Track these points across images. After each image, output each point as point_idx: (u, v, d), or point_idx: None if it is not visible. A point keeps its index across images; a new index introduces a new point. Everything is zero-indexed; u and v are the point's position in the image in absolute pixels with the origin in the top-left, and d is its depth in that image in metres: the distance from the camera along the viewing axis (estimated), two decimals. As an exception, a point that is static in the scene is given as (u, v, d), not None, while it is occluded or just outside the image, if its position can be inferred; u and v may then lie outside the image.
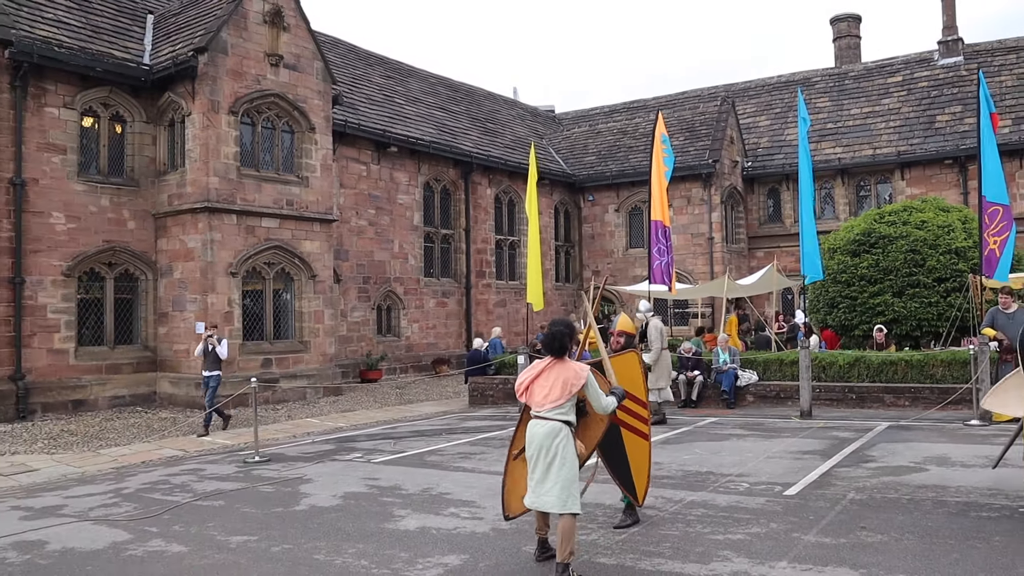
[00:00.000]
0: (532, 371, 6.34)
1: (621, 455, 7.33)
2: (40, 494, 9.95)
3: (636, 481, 7.40)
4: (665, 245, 17.78)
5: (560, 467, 6.01)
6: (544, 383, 6.19)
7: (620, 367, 7.25)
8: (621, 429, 7.28)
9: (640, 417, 7.38)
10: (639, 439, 7.39)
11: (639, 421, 7.37)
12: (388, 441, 13.35)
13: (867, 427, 12.97)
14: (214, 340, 15.03)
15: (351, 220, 23.71)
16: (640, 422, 7.37)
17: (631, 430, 7.34)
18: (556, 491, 6.00)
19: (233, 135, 18.52)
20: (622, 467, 7.34)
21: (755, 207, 31.00)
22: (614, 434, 7.19)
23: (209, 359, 15.02)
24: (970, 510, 7.65)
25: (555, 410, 6.09)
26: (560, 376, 6.14)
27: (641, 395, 7.39)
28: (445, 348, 26.72)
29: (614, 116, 36.49)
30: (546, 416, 6.11)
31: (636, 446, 7.38)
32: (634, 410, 7.32)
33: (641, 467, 7.41)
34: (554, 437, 6.05)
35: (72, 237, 17.64)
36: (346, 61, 27.86)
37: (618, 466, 7.34)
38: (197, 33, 18.71)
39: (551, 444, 6.04)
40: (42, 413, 16.78)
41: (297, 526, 7.92)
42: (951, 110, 28.23)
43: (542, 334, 22.47)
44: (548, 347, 6.30)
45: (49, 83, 17.43)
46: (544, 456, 6.06)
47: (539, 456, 6.08)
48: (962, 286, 17.83)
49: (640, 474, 7.41)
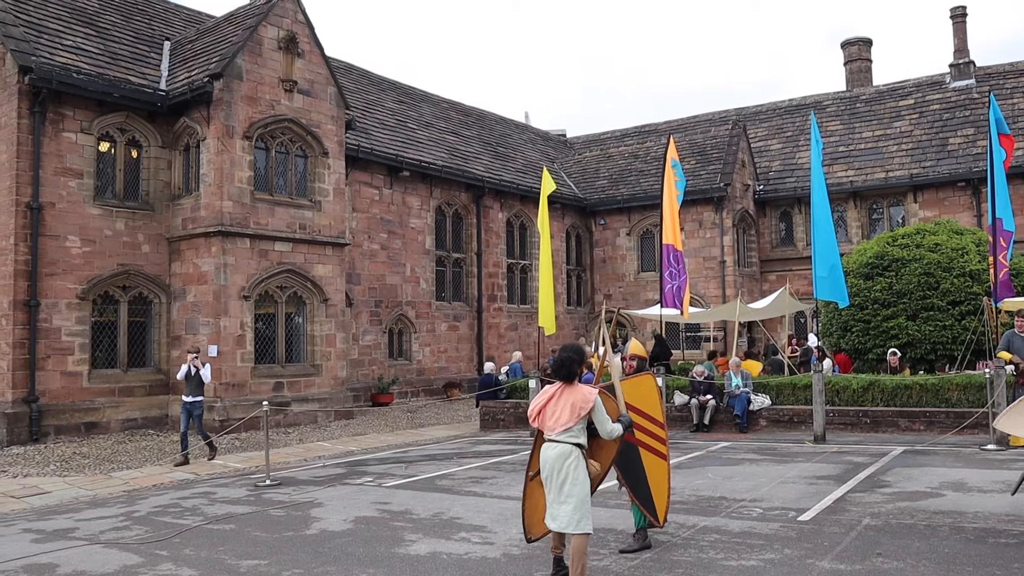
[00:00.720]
0: (543, 396, 6.49)
1: (640, 475, 7.41)
2: (52, 517, 9.96)
3: (656, 501, 7.45)
4: (677, 268, 17.77)
5: (572, 487, 6.17)
6: (554, 407, 6.35)
7: (635, 389, 7.36)
8: (640, 449, 7.38)
9: (658, 438, 7.46)
10: (658, 459, 7.47)
11: (657, 441, 7.46)
12: (399, 465, 13.31)
13: (882, 452, 12.85)
14: (197, 363, 14.39)
15: (363, 244, 23.80)
16: (658, 442, 7.46)
17: (650, 450, 7.43)
18: (568, 511, 6.15)
19: (247, 159, 18.67)
20: (642, 487, 7.42)
21: (767, 230, 30.95)
22: (633, 455, 7.33)
23: (192, 384, 14.34)
24: (988, 536, 7.56)
25: (565, 433, 6.25)
26: (569, 400, 6.30)
27: (658, 416, 7.50)
28: (457, 372, 26.69)
29: (625, 140, 36.60)
30: (557, 439, 6.28)
31: (655, 466, 7.45)
32: (652, 431, 7.42)
33: (661, 487, 7.46)
34: (565, 459, 6.21)
35: (87, 260, 17.76)
36: (359, 86, 28.09)
37: (638, 487, 7.41)
38: (213, 59, 18.92)
39: (562, 466, 6.20)
40: (55, 435, 16.83)
41: (308, 550, 7.89)
42: (963, 132, 28.19)
43: (553, 358, 22.44)
44: (557, 373, 6.48)
45: (67, 108, 17.64)
46: (556, 477, 6.23)
47: (552, 477, 6.26)
48: (977, 309, 17.71)
49: (660, 494, 7.46)
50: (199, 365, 14.36)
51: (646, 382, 7.60)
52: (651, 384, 7.60)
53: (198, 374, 14.31)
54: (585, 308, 32.31)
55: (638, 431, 7.30)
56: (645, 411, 7.36)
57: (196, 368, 14.29)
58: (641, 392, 7.41)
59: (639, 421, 7.33)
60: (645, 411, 7.36)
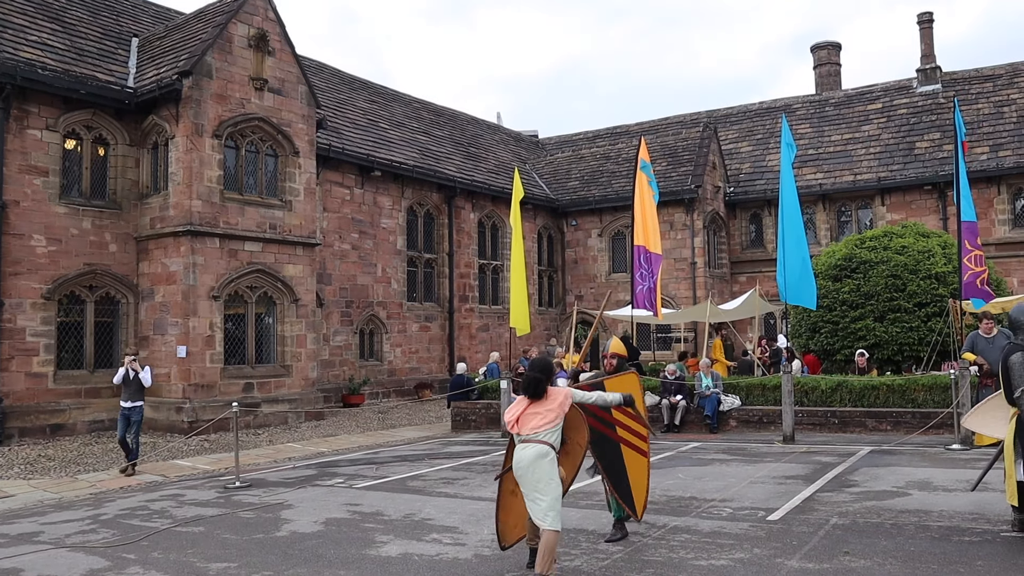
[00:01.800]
0: (519, 406, 6.77)
1: (621, 471, 7.58)
2: (15, 520, 9.80)
3: (635, 496, 7.61)
4: (647, 270, 17.82)
5: (547, 486, 6.45)
6: (534, 411, 6.65)
7: (619, 387, 7.53)
8: (622, 447, 7.57)
9: (639, 435, 7.62)
10: (638, 455, 7.62)
11: (638, 439, 7.61)
12: (370, 466, 13.26)
13: (850, 452, 13.00)
14: (136, 366, 13.33)
15: (334, 244, 23.67)
16: (639, 439, 7.61)
17: (631, 447, 7.59)
18: (544, 506, 6.42)
19: (217, 158, 18.50)
20: (622, 483, 7.58)
21: (737, 232, 31.21)
22: (615, 452, 7.55)
23: (131, 388, 13.19)
24: (953, 534, 7.67)
25: (542, 434, 6.52)
26: (545, 407, 6.64)
27: (641, 412, 7.67)
28: (428, 373, 26.63)
29: (597, 141, 36.71)
30: (532, 439, 6.53)
31: (635, 463, 7.60)
32: (634, 428, 7.59)
33: (640, 483, 7.62)
34: (541, 458, 6.48)
35: (53, 260, 17.51)
36: (330, 85, 27.94)
37: (619, 482, 7.58)
38: (182, 57, 18.73)
39: (539, 465, 6.47)
40: (19, 438, 16.56)
41: (278, 553, 7.83)
42: (930, 137, 28.60)
43: (525, 358, 22.49)
44: (526, 391, 6.75)
45: (32, 105, 17.38)
46: (531, 475, 6.47)
47: (526, 476, 6.50)
48: (942, 311, 17.95)
49: (639, 490, 7.62)
50: (138, 368, 13.31)
51: (630, 380, 7.74)
52: (634, 382, 7.74)
53: (137, 377, 13.23)
54: (557, 309, 32.36)
55: (620, 429, 7.51)
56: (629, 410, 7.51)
57: (135, 371, 13.23)
58: (624, 390, 7.53)
59: (624, 420, 7.53)
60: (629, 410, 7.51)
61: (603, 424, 7.52)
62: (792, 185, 17.19)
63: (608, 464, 7.58)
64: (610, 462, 7.57)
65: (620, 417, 7.51)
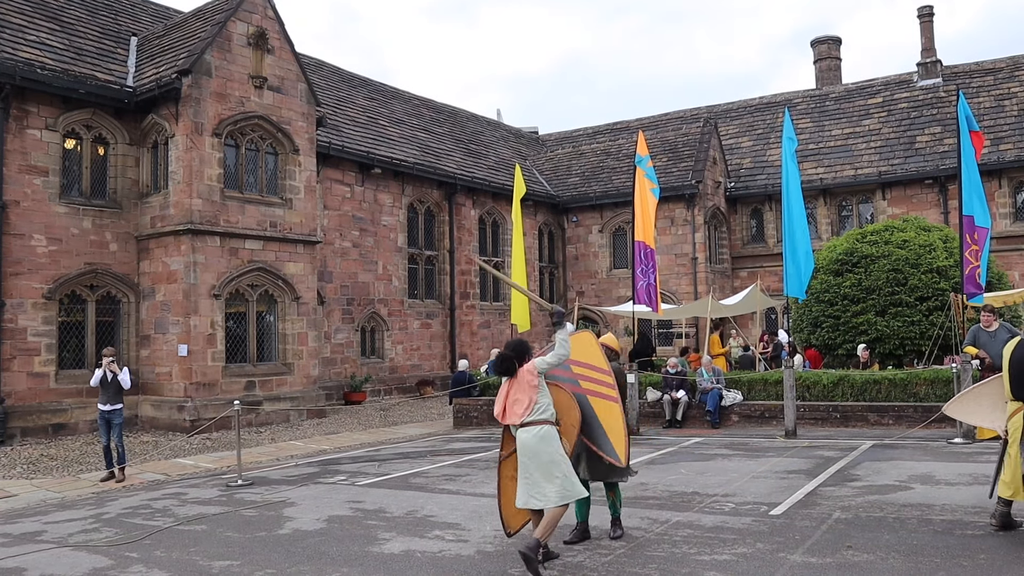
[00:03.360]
0: (502, 395, 7.01)
1: (595, 423, 7.57)
2: (18, 520, 9.81)
3: (615, 444, 7.52)
4: (647, 265, 17.82)
5: (558, 467, 6.70)
6: (514, 399, 6.88)
7: (576, 345, 7.66)
8: (589, 398, 7.63)
9: (605, 383, 7.69)
10: (609, 403, 7.64)
11: (605, 387, 7.68)
12: (372, 463, 13.25)
13: (852, 446, 12.99)
14: (114, 367, 12.67)
15: (335, 242, 23.66)
16: (606, 387, 7.68)
17: (600, 396, 7.65)
18: (558, 487, 6.64)
19: (217, 157, 18.48)
20: (600, 436, 7.55)
21: (738, 227, 31.18)
22: (585, 404, 7.58)
23: (110, 390, 12.56)
24: (955, 528, 7.66)
25: (533, 414, 6.79)
26: (520, 385, 6.89)
27: (602, 364, 7.77)
28: (429, 370, 26.63)
29: (597, 137, 36.68)
30: (529, 422, 6.74)
31: (607, 411, 7.61)
32: (598, 378, 7.72)
33: (616, 429, 7.56)
34: (544, 439, 6.72)
35: (53, 259, 17.51)
36: (330, 83, 27.92)
37: (597, 436, 7.55)
38: (181, 55, 18.71)
39: (545, 447, 6.70)
40: (21, 437, 16.57)
41: (280, 550, 7.83)
42: (931, 131, 28.56)
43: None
44: (497, 370, 7.05)
45: (31, 105, 17.37)
46: (540, 458, 6.66)
47: (534, 460, 6.68)
48: (944, 305, 17.94)
49: (618, 437, 7.54)
50: (116, 369, 12.68)
51: (584, 337, 8.01)
52: (589, 338, 8.05)
53: (116, 379, 12.60)
54: (558, 305, 32.29)
55: (584, 381, 7.65)
56: (589, 362, 7.72)
57: (113, 372, 12.61)
58: (582, 346, 7.76)
59: (585, 372, 7.69)
60: (589, 362, 7.72)
61: (566, 381, 7.59)
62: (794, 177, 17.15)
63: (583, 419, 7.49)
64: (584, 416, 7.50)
65: (584, 371, 7.67)
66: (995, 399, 7.93)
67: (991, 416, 8.03)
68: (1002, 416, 7.69)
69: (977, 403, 8.20)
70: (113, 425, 12.57)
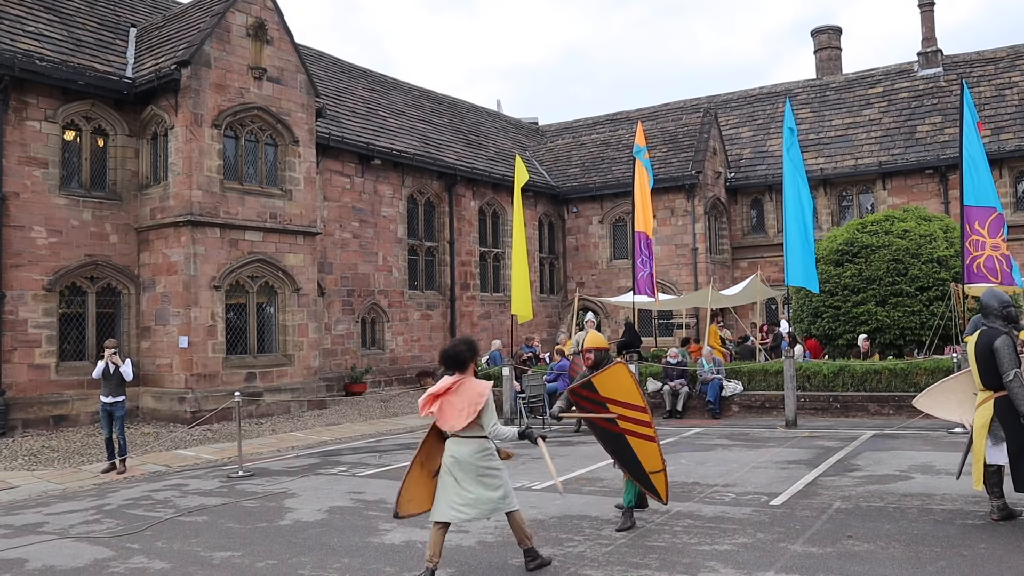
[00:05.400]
0: (441, 386, 6.43)
1: (634, 461, 7.57)
2: (20, 511, 9.83)
3: (655, 482, 7.61)
4: (648, 256, 17.83)
5: (496, 479, 6.42)
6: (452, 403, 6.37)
7: (608, 381, 7.46)
8: (627, 437, 7.52)
9: (641, 422, 7.51)
10: (647, 442, 7.53)
11: (642, 426, 7.51)
12: (373, 455, 13.28)
13: (852, 436, 13.01)
14: (116, 359, 12.56)
15: (335, 233, 23.64)
16: (642, 426, 7.51)
17: (636, 436, 7.52)
18: (498, 497, 6.37)
19: (216, 148, 18.45)
20: (639, 472, 7.58)
21: (738, 218, 31.14)
22: (623, 444, 7.54)
23: (112, 382, 12.47)
24: (955, 518, 7.68)
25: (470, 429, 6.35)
26: (465, 396, 6.34)
27: (638, 402, 7.49)
28: (430, 361, 26.59)
29: (597, 128, 36.59)
30: (464, 435, 6.37)
31: (646, 449, 7.53)
32: (635, 417, 7.50)
33: (655, 467, 7.55)
34: (481, 454, 6.38)
35: (54, 251, 17.49)
36: (329, 74, 27.85)
37: (636, 472, 7.60)
38: (180, 46, 18.65)
39: (480, 462, 6.36)
40: (22, 429, 16.58)
41: (281, 541, 7.85)
42: (931, 120, 28.49)
43: (526, 346, 22.51)
44: (447, 363, 6.47)
45: (31, 96, 17.32)
46: (473, 471, 6.33)
47: (468, 472, 6.33)
48: (944, 295, 17.94)
49: (657, 477, 7.59)
50: (118, 361, 12.55)
51: (618, 372, 7.56)
52: (623, 372, 7.57)
53: (118, 371, 12.49)
54: (558, 296, 32.34)
55: (622, 421, 7.45)
56: (623, 400, 7.42)
57: (115, 364, 12.50)
58: (615, 382, 7.45)
59: (620, 411, 7.43)
60: (623, 400, 7.42)
61: (605, 420, 7.53)
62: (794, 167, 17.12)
63: (620, 457, 7.66)
64: (621, 454, 7.63)
65: (619, 410, 7.44)
66: (964, 393, 8.01)
67: (959, 410, 8.11)
68: (970, 410, 7.76)
69: (946, 396, 8.26)
70: (115, 417, 12.52)
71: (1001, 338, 7.32)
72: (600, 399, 7.51)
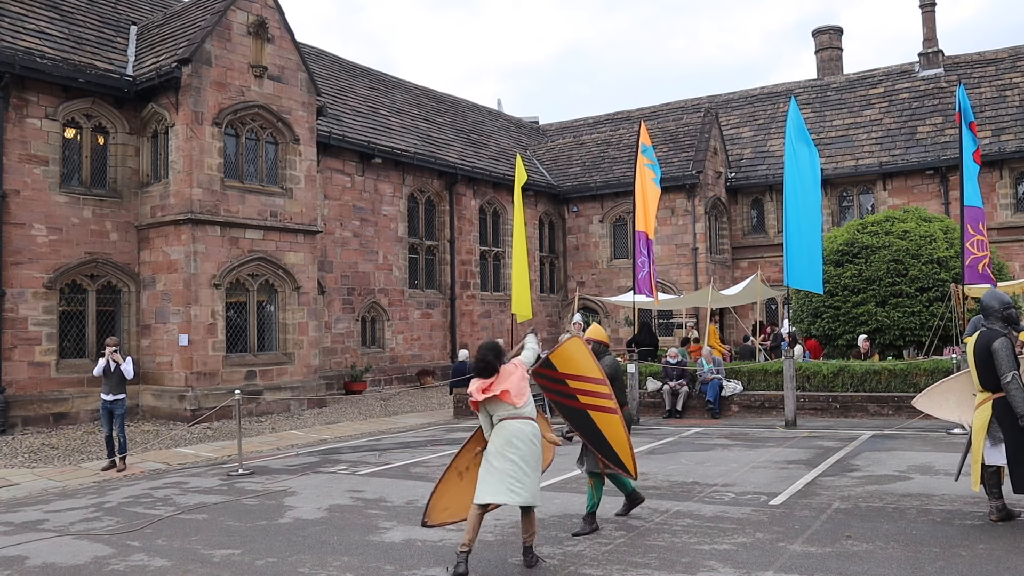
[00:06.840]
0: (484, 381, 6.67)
1: (599, 436, 7.46)
2: (20, 509, 9.84)
3: (621, 456, 7.44)
4: (647, 256, 17.84)
5: (538, 464, 6.64)
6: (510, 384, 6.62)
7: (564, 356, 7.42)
8: (589, 412, 7.43)
9: (601, 395, 7.40)
10: (608, 415, 7.39)
11: (602, 399, 7.40)
12: (373, 453, 13.28)
13: (851, 436, 13.01)
14: (117, 357, 12.49)
15: (335, 231, 23.65)
16: (603, 399, 7.40)
17: (598, 410, 7.41)
18: (534, 483, 6.53)
19: (217, 146, 18.45)
20: (605, 448, 7.47)
21: (739, 218, 31.14)
22: (585, 419, 7.46)
23: (112, 380, 12.44)
24: (954, 518, 7.68)
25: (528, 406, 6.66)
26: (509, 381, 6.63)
27: (596, 375, 7.42)
28: (430, 359, 26.65)
29: (598, 127, 36.58)
30: (527, 415, 6.61)
31: (608, 423, 7.41)
32: (594, 390, 7.40)
33: (620, 441, 7.40)
34: (537, 436, 6.64)
35: (54, 249, 17.50)
36: (330, 73, 27.85)
37: (602, 448, 7.48)
38: (181, 44, 18.65)
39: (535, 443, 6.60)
40: (23, 427, 16.59)
41: (281, 539, 7.85)
42: (932, 121, 28.48)
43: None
44: (481, 374, 6.67)
45: (31, 94, 17.32)
46: (531, 453, 6.53)
47: (527, 454, 6.51)
48: (944, 295, 17.94)
49: (623, 449, 7.42)
50: (119, 359, 12.50)
51: (572, 346, 7.50)
52: (578, 346, 7.50)
53: (119, 369, 12.45)
54: (558, 295, 32.35)
55: (583, 396, 7.40)
56: (581, 374, 7.37)
57: (116, 362, 12.46)
58: (570, 358, 7.41)
59: (582, 386, 7.39)
60: (581, 374, 7.37)
61: (565, 397, 7.45)
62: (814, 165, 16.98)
63: (587, 433, 7.52)
64: (586, 431, 7.51)
65: (578, 384, 7.38)
66: (963, 394, 8.01)
67: (958, 410, 8.13)
68: (969, 410, 7.78)
69: (945, 397, 8.27)
70: (116, 415, 12.50)
71: (1000, 340, 7.33)
72: (559, 376, 7.44)
